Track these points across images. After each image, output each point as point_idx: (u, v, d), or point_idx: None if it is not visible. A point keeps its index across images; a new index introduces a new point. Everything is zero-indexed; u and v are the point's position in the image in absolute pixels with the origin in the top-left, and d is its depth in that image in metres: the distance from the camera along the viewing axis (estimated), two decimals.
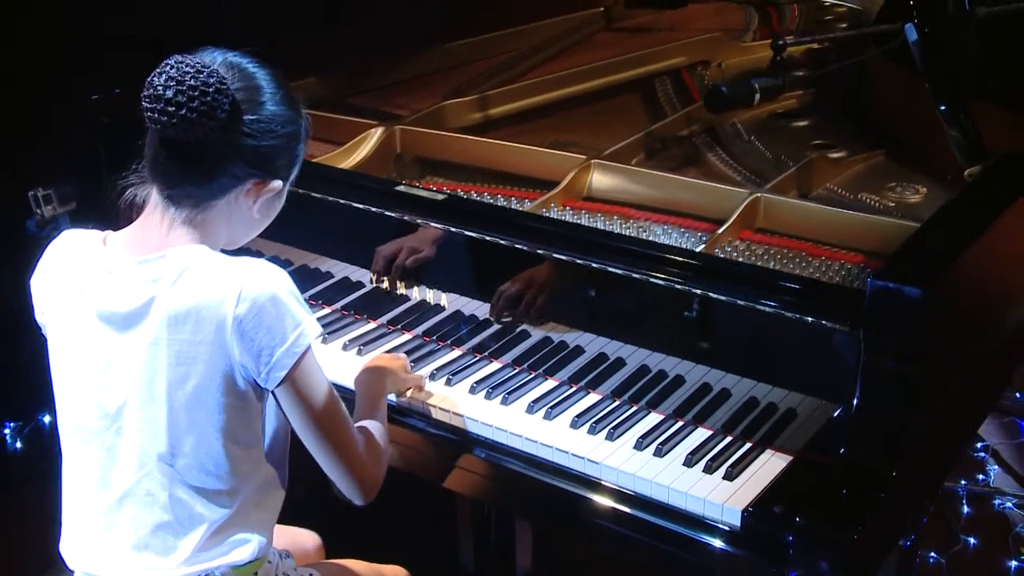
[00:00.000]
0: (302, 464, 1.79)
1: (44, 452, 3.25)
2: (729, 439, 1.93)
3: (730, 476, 1.84)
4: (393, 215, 2.24)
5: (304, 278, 2.46)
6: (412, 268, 2.29)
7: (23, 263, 1.80)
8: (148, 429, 1.65)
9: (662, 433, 1.95)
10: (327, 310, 2.38)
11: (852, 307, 1.75)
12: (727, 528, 1.78)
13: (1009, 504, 3.13)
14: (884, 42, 2.62)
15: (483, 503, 2.61)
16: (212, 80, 1.57)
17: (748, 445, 1.91)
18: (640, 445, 1.92)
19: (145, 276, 1.63)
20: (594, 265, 2.02)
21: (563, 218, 2.26)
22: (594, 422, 1.98)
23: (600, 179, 2.37)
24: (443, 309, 2.29)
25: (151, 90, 1.57)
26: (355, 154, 2.53)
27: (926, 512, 2.20)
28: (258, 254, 2.45)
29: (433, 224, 2.20)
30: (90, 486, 1.71)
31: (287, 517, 2.13)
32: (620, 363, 2.10)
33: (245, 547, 1.71)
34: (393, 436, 2.11)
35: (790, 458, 1.88)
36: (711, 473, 1.85)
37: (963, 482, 3.19)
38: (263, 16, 3.00)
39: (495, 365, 2.18)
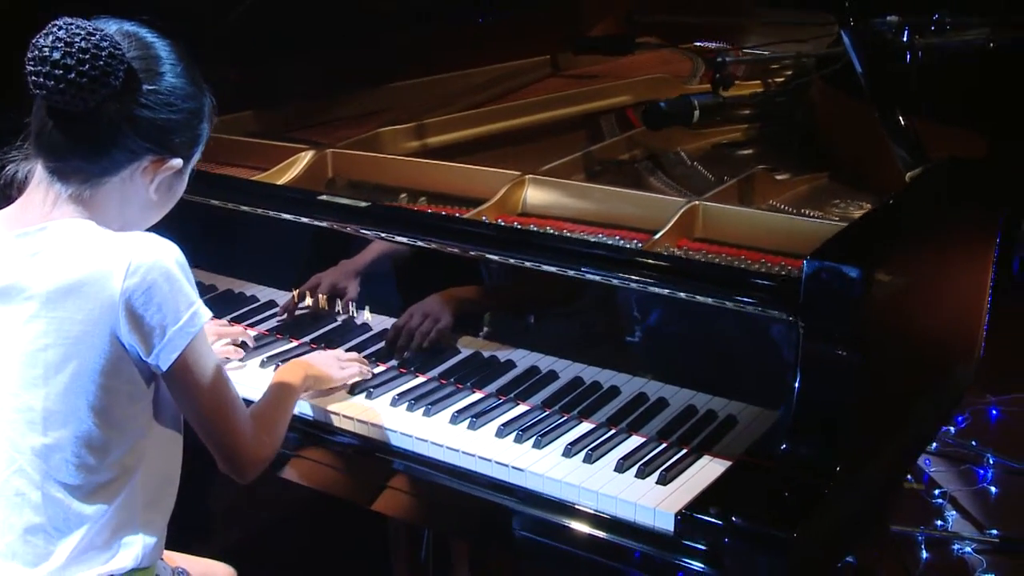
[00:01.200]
0: (218, 492, 1.60)
1: None
2: (664, 445, 1.75)
3: (664, 480, 1.65)
4: (317, 223, 2.08)
5: (228, 301, 2.29)
6: (337, 286, 2.12)
7: None
8: (20, 419, 1.46)
9: (593, 441, 1.77)
10: (252, 332, 2.19)
11: (789, 294, 1.59)
12: (661, 533, 1.58)
13: (968, 549, 2.96)
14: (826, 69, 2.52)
15: (416, 527, 2.40)
16: (105, 44, 1.41)
17: (684, 451, 1.73)
18: (569, 452, 1.74)
19: (23, 250, 1.46)
20: (524, 264, 1.87)
21: None
22: (521, 430, 1.79)
23: (535, 194, 2.21)
24: (369, 328, 2.11)
25: (36, 51, 1.41)
26: (283, 177, 2.37)
27: (880, 520, 2.01)
28: None
29: (357, 231, 2.03)
30: None
31: (201, 548, 1.93)
32: (552, 376, 1.92)
33: (128, 551, 1.51)
34: (317, 457, 1.94)
35: (729, 463, 1.69)
36: (644, 478, 1.67)
37: (922, 528, 2.99)
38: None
39: (419, 379, 1.99)
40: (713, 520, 1.54)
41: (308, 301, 2.17)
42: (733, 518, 1.50)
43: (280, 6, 2.89)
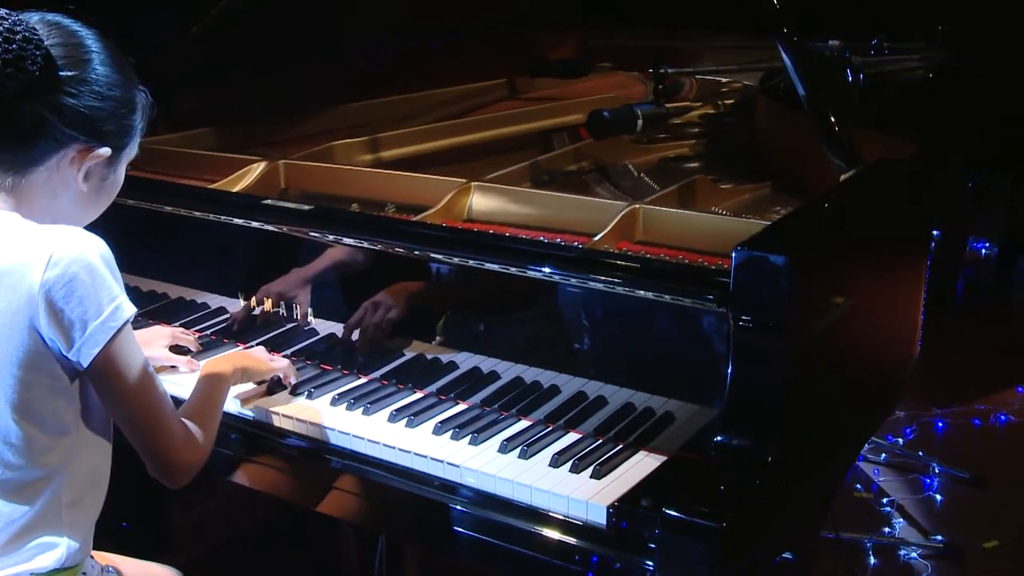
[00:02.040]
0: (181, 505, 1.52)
1: None
2: (600, 442, 1.69)
3: (598, 475, 1.60)
4: (263, 229, 2.03)
5: (180, 308, 2.23)
6: (283, 292, 2.07)
7: None
8: None
9: (530, 437, 1.71)
10: (198, 336, 2.13)
11: (718, 285, 1.54)
12: (594, 526, 1.52)
13: (914, 554, 2.92)
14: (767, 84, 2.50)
15: (364, 531, 2.33)
16: (19, 29, 1.36)
17: (620, 447, 1.67)
18: (505, 448, 1.68)
19: None
20: (466, 263, 1.82)
21: None
22: (457, 427, 1.74)
23: (480, 201, 2.16)
24: (316, 332, 2.05)
25: None
26: (234, 188, 2.31)
27: (821, 520, 1.95)
28: None
29: (302, 234, 1.98)
30: None
31: (144, 550, 1.86)
32: (493, 376, 1.87)
33: (51, 552, 1.44)
34: (264, 460, 1.87)
35: (665, 458, 1.64)
36: (578, 472, 1.61)
37: (870, 535, 2.95)
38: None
39: (361, 380, 1.93)
40: (644, 511, 1.48)
41: (256, 306, 2.10)
42: (664, 509, 1.44)
43: (240, 27, 2.84)
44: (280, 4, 2.89)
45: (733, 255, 1.51)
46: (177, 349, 2.03)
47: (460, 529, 1.65)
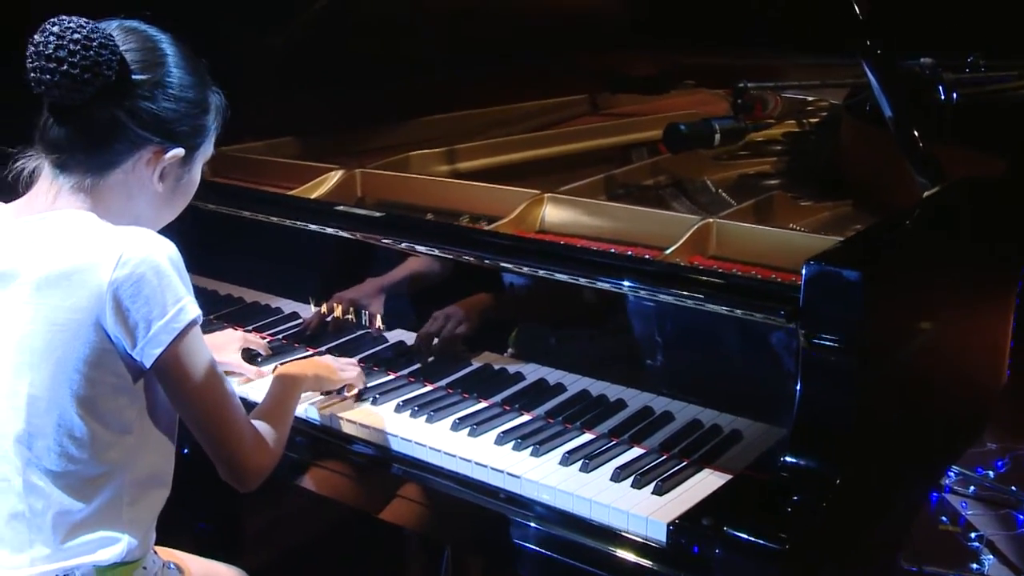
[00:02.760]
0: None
1: None
2: (664, 457, 1.65)
3: (660, 491, 1.55)
4: (335, 233, 2.04)
5: (255, 312, 2.25)
6: (355, 299, 2.07)
7: None
8: (7, 404, 1.41)
9: (593, 451, 1.68)
10: (271, 340, 2.14)
11: (788, 299, 1.49)
12: (654, 544, 1.48)
13: None
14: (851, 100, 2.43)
15: (426, 539, 2.32)
16: (96, 35, 1.38)
17: (684, 463, 1.62)
18: (566, 460, 1.65)
19: (22, 236, 1.42)
20: (536, 273, 1.80)
21: None
22: (520, 438, 1.71)
23: (553, 212, 2.13)
24: (385, 340, 2.05)
25: (33, 48, 1.38)
26: (311, 195, 2.32)
27: (892, 548, 1.87)
28: None
29: (373, 240, 1.98)
30: None
31: (218, 551, 1.87)
32: (560, 388, 1.84)
33: (112, 547, 1.44)
34: (328, 464, 1.87)
35: (729, 476, 1.59)
36: (639, 488, 1.57)
37: (957, 571, 2.82)
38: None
39: (427, 388, 1.91)
40: (706, 530, 1.44)
41: (327, 312, 2.11)
42: (725, 528, 1.39)
43: (327, 38, 2.87)
44: (366, 19, 2.92)
45: (804, 269, 1.46)
46: (248, 353, 2.04)
47: (520, 542, 1.62)
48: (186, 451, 1.66)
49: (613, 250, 1.93)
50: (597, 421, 1.75)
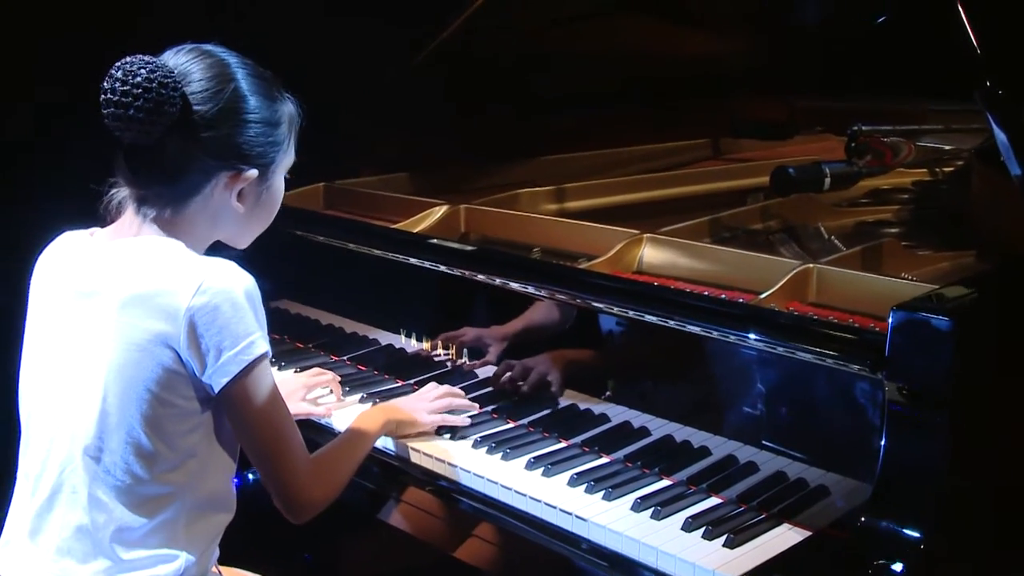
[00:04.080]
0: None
1: None
2: (741, 509, 1.56)
3: (731, 544, 1.47)
4: (418, 263, 2.04)
5: (351, 342, 2.26)
6: (450, 333, 2.05)
7: None
8: (81, 417, 1.43)
9: (666, 497, 1.60)
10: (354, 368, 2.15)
11: (873, 347, 1.39)
12: None
13: None
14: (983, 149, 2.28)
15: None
16: (156, 75, 1.39)
17: (762, 516, 1.53)
18: (638, 507, 1.58)
19: (110, 258, 1.45)
20: (626, 313, 1.75)
21: None
22: (593, 481, 1.65)
23: (652, 253, 2.07)
24: (475, 375, 2.02)
25: (103, 94, 1.40)
26: (414, 228, 2.32)
27: None
28: None
29: (460, 273, 1.96)
30: (28, 483, 1.49)
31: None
32: (643, 432, 1.77)
33: (170, 564, 1.44)
34: (401, 496, 1.85)
35: (809, 534, 1.48)
36: (711, 539, 1.49)
37: None
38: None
39: (508, 425, 1.87)
40: None
41: (417, 345, 2.10)
42: None
43: (448, 75, 2.89)
44: (494, 57, 2.93)
45: (891, 316, 1.36)
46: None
47: None
48: None
49: (706, 292, 1.86)
50: (677, 468, 1.67)
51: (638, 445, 1.74)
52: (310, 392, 1.99)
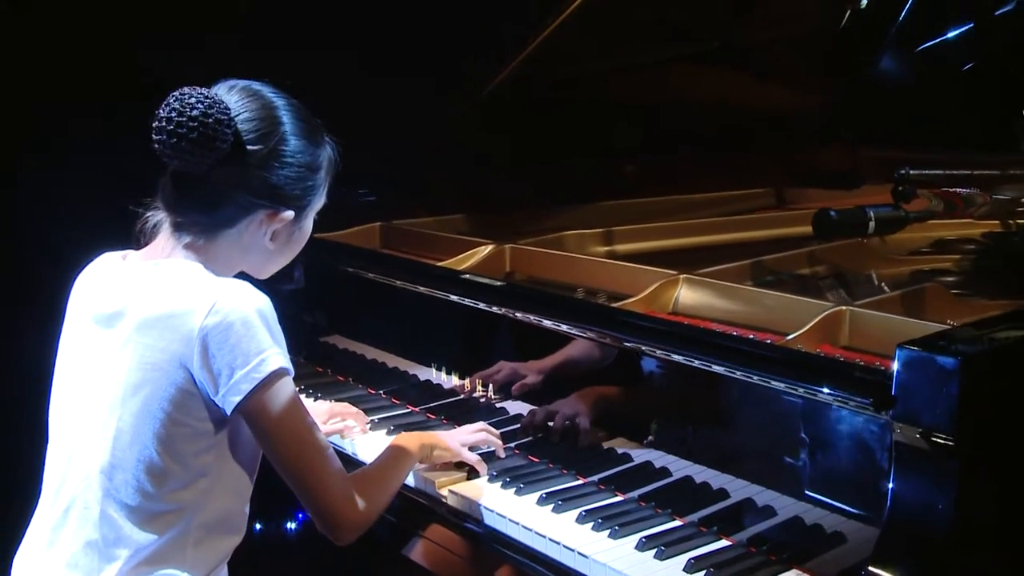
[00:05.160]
0: None
1: None
2: (749, 552, 1.49)
3: None
4: (443, 296, 2.04)
5: (393, 377, 2.26)
6: (475, 367, 2.04)
7: None
8: (98, 435, 1.45)
9: (673, 538, 1.54)
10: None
11: (878, 386, 1.32)
12: None
13: None
14: None
15: None
16: (213, 111, 1.42)
17: (769, 560, 1.46)
18: (643, 546, 1.52)
19: (135, 280, 1.48)
20: (645, 350, 1.71)
21: None
22: (602, 519, 1.60)
23: (687, 295, 2.02)
24: (505, 412, 1.99)
25: (156, 121, 1.44)
26: (461, 266, 2.32)
27: None
28: None
29: (489, 308, 1.95)
30: (48, 497, 1.52)
31: None
32: (665, 473, 1.72)
33: None
34: (423, 531, 1.82)
35: None
36: None
37: None
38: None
39: (524, 461, 1.85)
40: None
41: (447, 378, 2.09)
42: None
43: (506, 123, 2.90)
44: (551, 104, 2.94)
45: (896, 354, 1.29)
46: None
47: None
48: None
49: (735, 332, 1.80)
50: (691, 509, 1.62)
51: (655, 485, 1.69)
52: (332, 419, 1.99)
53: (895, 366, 1.30)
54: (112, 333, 1.46)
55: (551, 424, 1.88)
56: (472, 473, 1.81)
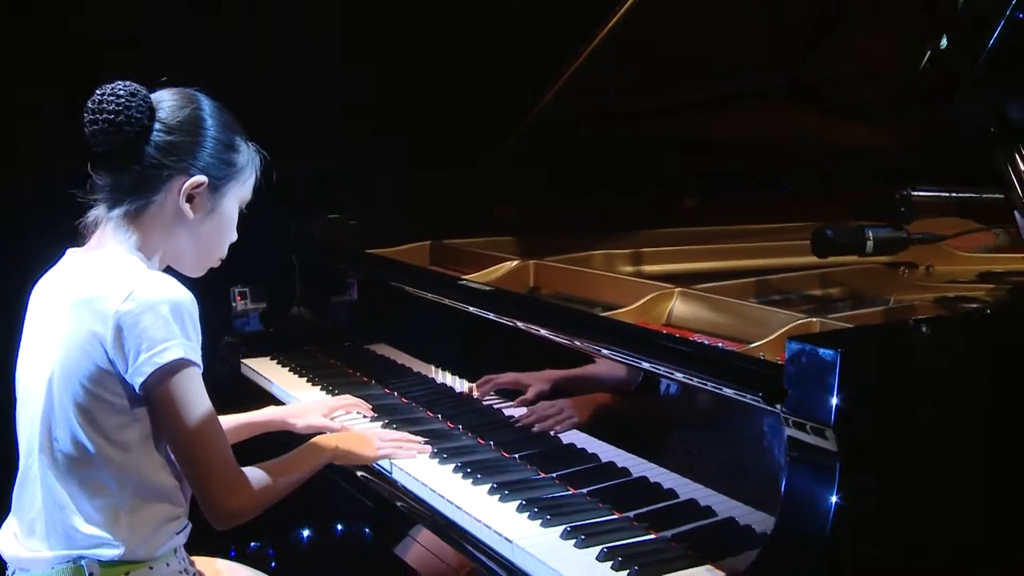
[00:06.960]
0: None
1: None
2: (671, 546, 1.47)
3: None
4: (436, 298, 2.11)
5: (417, 383, 2.32)
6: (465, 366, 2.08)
7: None
8: (40, 410, 1.55)
9: (600, 529, 1.55)
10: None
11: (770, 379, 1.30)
12: None
13: None
14: None
15: None
16: (134, 89, 1.53)
17: (688, 556, 1.44)
18: (566, 535, 1.53)
19: (75, 268, 1.59)
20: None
21: None
22: (540, 508, 1.61)
23: (682, 307, 2.01)
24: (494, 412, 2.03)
25: (84, 113, 1.54)
26: (485, 280, 2.37)
27: None
28: None
29: (476, 311, 2.00)
30: (21, 472, 1.62)
31: None
32: (624, 472, 1.71)
33: (112, 548, 1.52)
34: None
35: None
36: (618, 571, 1.42)
37: None
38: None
39: (494, 455, 1.87)
40: None
41: (452, 382, 2.14)
42: None
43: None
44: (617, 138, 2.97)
45: (787, 348, 1.27)
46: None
47: None
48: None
49: (704, 340, 1.78)
50: (633, 505, 1.60)
51: (610, 483, 1.68)
52: (332, 412, 2.07)
53: (786, 356, 1.27)
54: (52, 314, 1.56)
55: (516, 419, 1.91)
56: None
